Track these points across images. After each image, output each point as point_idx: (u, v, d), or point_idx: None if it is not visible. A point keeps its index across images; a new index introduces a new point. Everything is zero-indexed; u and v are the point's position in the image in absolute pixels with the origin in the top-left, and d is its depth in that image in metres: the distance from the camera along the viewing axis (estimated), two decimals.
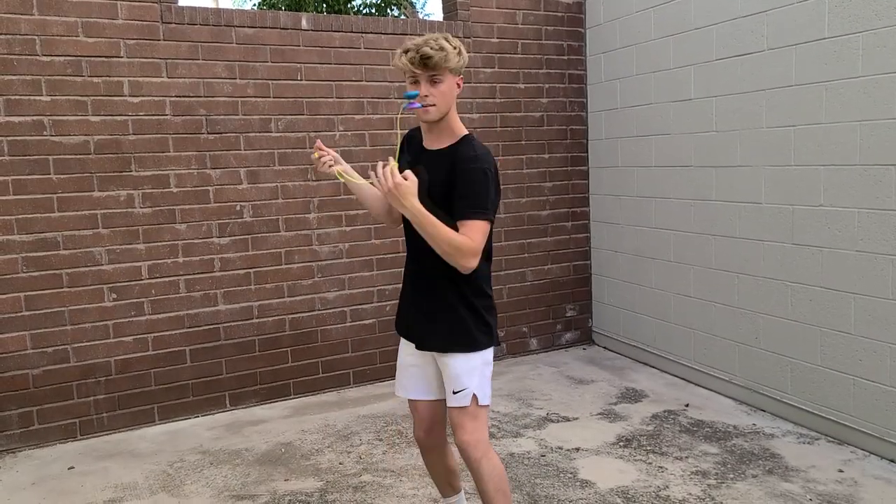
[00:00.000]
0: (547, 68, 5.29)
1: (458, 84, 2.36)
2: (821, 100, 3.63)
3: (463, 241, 2.23)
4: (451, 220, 2.27)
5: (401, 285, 2.64)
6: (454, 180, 2.29)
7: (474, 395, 2.39)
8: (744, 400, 4.25)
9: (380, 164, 2.21)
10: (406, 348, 2.60)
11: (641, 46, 4.82)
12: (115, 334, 4.14)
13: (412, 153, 2.48)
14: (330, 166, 2.49)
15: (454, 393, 2.40)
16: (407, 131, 2.62)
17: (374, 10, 13.59)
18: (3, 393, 3.91)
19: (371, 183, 2.32)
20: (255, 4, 12.74)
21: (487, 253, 2.41)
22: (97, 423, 4.13)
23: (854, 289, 3.56)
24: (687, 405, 4.27)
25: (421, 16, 17.05)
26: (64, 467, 3.73)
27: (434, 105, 2.30)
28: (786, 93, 3.82)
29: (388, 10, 13.90)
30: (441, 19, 5.15)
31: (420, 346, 2.51)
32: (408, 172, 2.21)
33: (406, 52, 2.29)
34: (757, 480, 3.30)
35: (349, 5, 12.75)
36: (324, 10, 12.36)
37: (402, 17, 14.36)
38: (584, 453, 3.66)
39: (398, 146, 2.49)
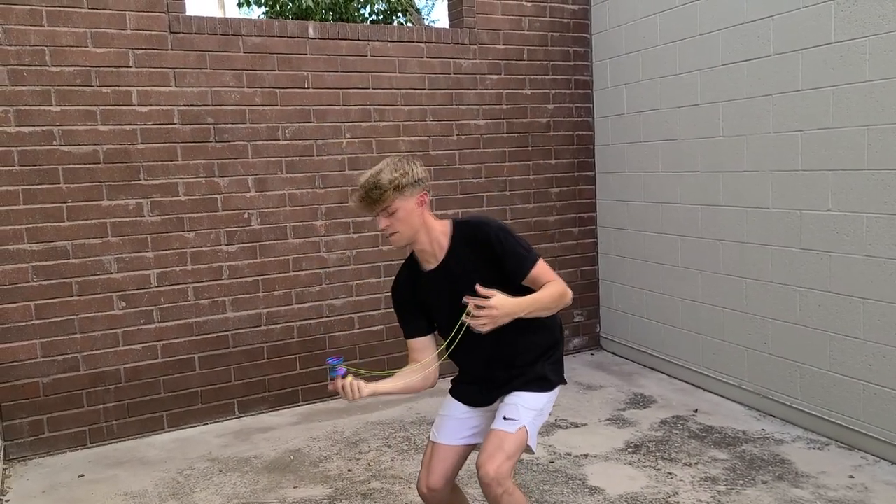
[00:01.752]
0: (553, 74, 5.30)
1: (420, 200, 2.34)
2: (828, 104, 3.63)
3: (553, 290, 2.31)
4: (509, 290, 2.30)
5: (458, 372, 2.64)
6: (488, 258, 2.32)
7: (524, 427, 2.36)
8: (753, 405, 4.23)
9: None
10: (460, 406, 2.58)
11: (647, 52, 4.82)
12: (125, 342, 4.16)
13: (427, 287, 2.43)
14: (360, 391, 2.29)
15: (504, 419, 2.38)
16: (395, 294, 2.56)
17: (380, 18, 13.61)
18: (14, 401, 3.94)
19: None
20: (262, 13, 12.78)
21: None
22: (107, 430, 4.15)
23: (863, 293, 3.54)
24: (696, 411, 4.25)
25: (427, 23, 17.11)
26: (74, 475, 3.75)
27: (397, 233, 2.33)
28: (793, 98, 3.81)
29: (395, 18, 13.93)
30: (447, 26, 5.17)
31: (491, 402, 2.54)
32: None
33: (352, 194, 2.36)
34: (767, 487, 3.28)
35: (356, 14, 12.78)
36: (330, 18, 12.40)
37: (409, 24, 14.41)
38: (592, 460, 3.65)
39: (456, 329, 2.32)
